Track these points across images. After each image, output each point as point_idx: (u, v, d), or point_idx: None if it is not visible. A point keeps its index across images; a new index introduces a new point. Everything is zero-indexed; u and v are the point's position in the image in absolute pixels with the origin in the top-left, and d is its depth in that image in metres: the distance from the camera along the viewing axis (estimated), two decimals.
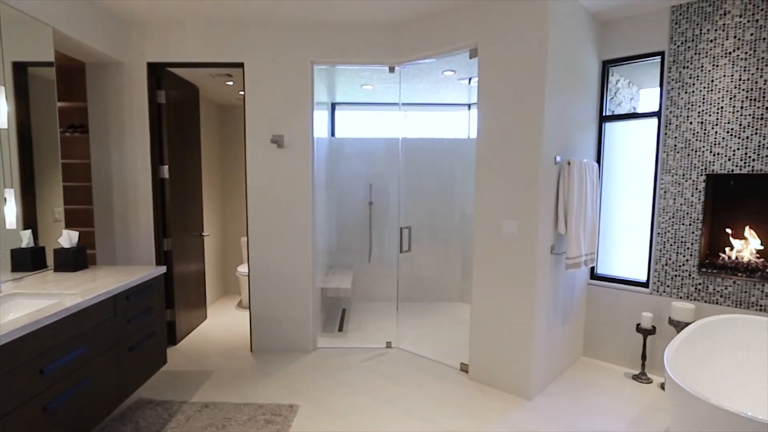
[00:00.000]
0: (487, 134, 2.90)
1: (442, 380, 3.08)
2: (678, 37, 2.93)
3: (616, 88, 3.39)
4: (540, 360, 2.86)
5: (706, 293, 2.92)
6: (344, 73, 4.01)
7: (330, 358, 3.43)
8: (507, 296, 2.86)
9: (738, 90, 2.74)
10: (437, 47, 3.13)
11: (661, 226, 3.09)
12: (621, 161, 3.36)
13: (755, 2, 2.66)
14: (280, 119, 3.40)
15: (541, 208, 2.71)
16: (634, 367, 3.25)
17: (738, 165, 2.76)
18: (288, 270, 3.50)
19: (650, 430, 2.48)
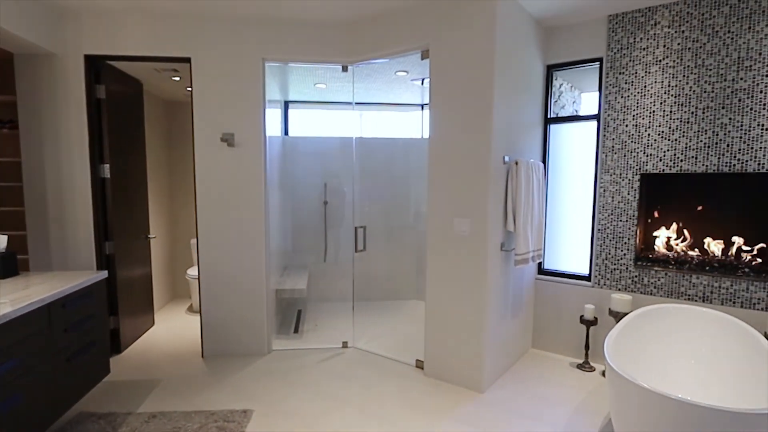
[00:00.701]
0: (439, 134, 2.96)
1: (398, 377, 3.11)
2: (614, 44, 3.12)
3: (560, 91, 3.56)
4: (492, 353, 2.96)
5: (642, 285, 3.13)
6: (297, 71, 3.96)
7: (285, 361, 3.38)
8: (460, 292, 2.94)
9: (667, 95, 2.95)
10: (390, 47, 3.16)
11: (601, 223, 3.27)
12: (565, 161, 3.53)
13: (682, 15, 2.87)
14: (230, 117, 3.30)
15: (491, 207, 2.80)
16: (579, 357, 3.42)
17: (668, 165, 2.98)
18: (240, 272, 3.41)
19: (593, 416, 2.63)
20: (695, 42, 2.83)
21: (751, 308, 2.77)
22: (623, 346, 2.50)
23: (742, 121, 2.72)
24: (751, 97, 2.69)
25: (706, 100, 2.82)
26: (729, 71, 2.74)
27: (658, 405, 1.79)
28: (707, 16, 2.79)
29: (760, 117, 2.67)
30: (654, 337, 2.77)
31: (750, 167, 2.72)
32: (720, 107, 2.78)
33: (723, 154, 2.79)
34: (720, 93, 2.77)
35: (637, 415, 1.91)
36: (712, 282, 2.88)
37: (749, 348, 2.45)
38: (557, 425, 2.52)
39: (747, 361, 2.42)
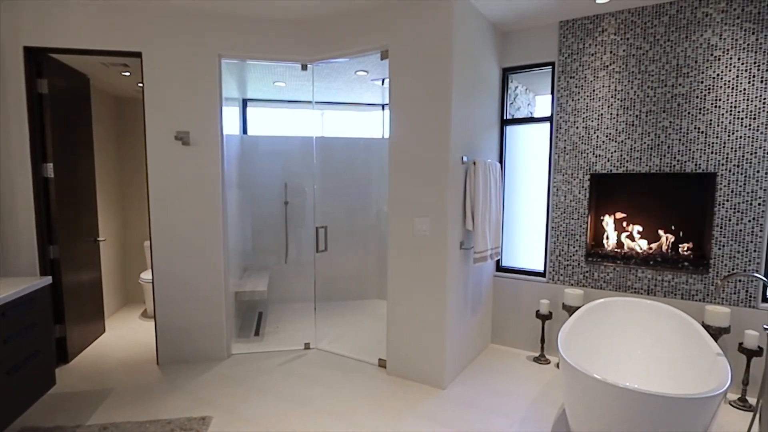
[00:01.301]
0: (399, 135, 2.99)
1: (361, 377, 3.12)
2: (565, 49, 3.25)
3: (515, 94, 3.68)
4: (452, 350, 3.02)
5: (593, 279, 3.28)
6: (255, 68, 3.88)
7: (246, 364, 3.31)
8: (421, 291, 2.98)
9: (614, 99, 3.11)
10: (349, 47, 3.16)
11: (554, 221, 3.41)
12: (521, 161, 3.64)
13: (627, 23, 3.03)
14: (184, 115, 3.20)
15: (450, 206, 2.86)
16: (535, 350, 3.55)
17: (615, 165, 3.14)
18: (197, 274, 3.31)
19: (549, 406, 2.73)
20: (639, 49, 3.00)
21: (690, 299, 2.96)
22: (575, 339, 2.62)
23: (680, 125, 2.91)
24: (688, 102, 2.87)
25: (649, 104, 2.99)
26: (669, 77, 2.92)
27: (607, 393, 1.89)
28: (649, 25, 2.96)
29: (696, 121, 2.86)
30: (604, 329, 2.92)
31: (688, 168, 2.91)
32: (661, 111, 2.96)
33: (664, 155, 2.97)
34: (661, 98, 2.95)
35: (588, 403, 2.00)
36: (655, 276, 3.06)
37: (688, 336, 2.62)
38: (515, 417, 2.60)
39: (687, 348, 2.59)
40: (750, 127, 2.72)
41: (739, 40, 2.71)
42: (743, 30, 2.70)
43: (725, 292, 2.86)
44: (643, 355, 2.83)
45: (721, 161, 2.81)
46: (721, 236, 2.84)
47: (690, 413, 1.79)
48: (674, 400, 1.75)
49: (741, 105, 2.73)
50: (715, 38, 2.77)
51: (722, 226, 2.84)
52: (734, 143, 2.77)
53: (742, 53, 2.71)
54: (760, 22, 2.65)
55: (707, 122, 2.83)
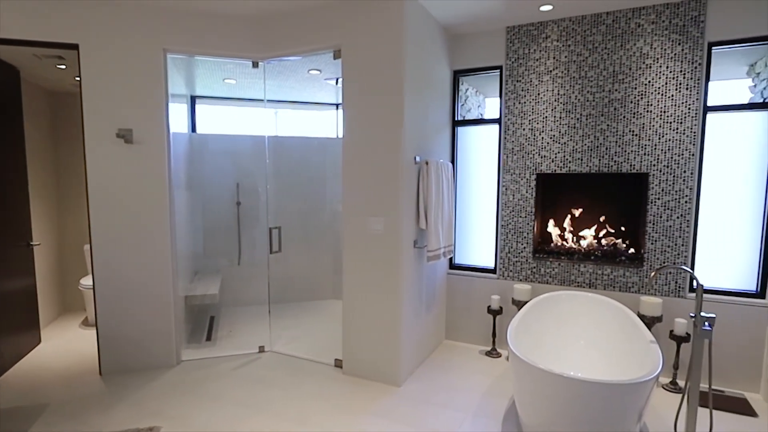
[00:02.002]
0: (352, 134, 2.99)
1: (317, 378, 3.10)
2: (512, 54, 3.38)
3: (466, 96, 3.78)
4: (408, 348, 3.06)
5: (540, 275, 3.44)
6: (204, 64, 3.76)
7: (197, 371, 3.20)
8: (375, 290, 3.00)
9: (557, 103, 3.26)
10: (301, 45, 3.12)
11: (504, 219, 3.53)
12: (472, 162, 3.75)
13: (568, 31, 3.19)
14: (127, 111, 3.05)
15: (404, 205, 2.90)
16: (487, 345, 3.67)
17: (559, 166, 3.30)
18: (143, 279, 3.17)
19: (500, 398, 2.84)
20: (579, 56, 3.17)
21: (627, 291, 3.17)
22: (524, 332, 2.73)
23: (617, 128, 3.10)
24: (624, 107, 3.07)
25: (589, 108, 3.17)
26: (606, 83, 3.10)
27: (552, 383, 1.98)
28: (588, 33, 3.13)
29: (631, 124, 3.06)
30: (550, 322, 3.06)
31: (624, 168, 3.11)
32: (600, 115, 3.14)
33: (603, 156, 3.16)
34: (600, 102, 3.13)
35: (535, 393, 2.10)
36: (596, 270, 3.25)
37: (625, 325, 2.80)
38: (468, 410, 2.68)
39: (624, 337, 2.77)
40: (677, 131, 2.94)
41: (668, 50, 2.93)
42: (671, 41, 2.91)
43: (657, 283, 3.08)
44: (586, 345, 2.99)
45: (653, 162, 3.02)
46: (654, 232, 3.06)
47: (627, 397, 1.92)
48: (613, 386, 1.87)
49: (669, 110, 2.95)
50: (647, 47, 2.98)
51: (654, 222, 3.05)
52: (664, 146, 2.98)
53: (670, 62, 2.93)
54: (685, 33, 2.88)
55: (640, 126, 3.03)
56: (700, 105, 2.88)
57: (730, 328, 2.89)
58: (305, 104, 5.15)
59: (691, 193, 2.94)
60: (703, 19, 2.83)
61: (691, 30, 2.86)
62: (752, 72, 2.99)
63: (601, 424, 1.94)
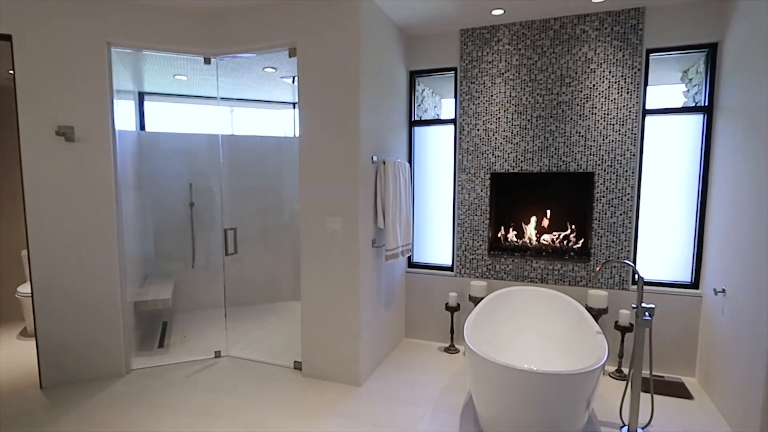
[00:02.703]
0: (309, 134, 2.97)
1: (276, 382, 3.05)
2: (466, 56, 3.46)
3: (422, 96, 3.83)
4: (368, 347, 3.07)
5: (495, 271, 3.54)
6: (153, 59, 3.60)
7: (148, 379, 3.07)
8: (334, 290, 2.98)
9: (509, 104, 3.37)
10: (255, 42, 3.06)
11: (460, 218, 3.61)
12: (429, 161, 3.80)
13: (518, 35, 3.31)
14: (68, 107, 2.88)
15: (362, 205, 2.90)
16: (446, 341, 3.74)
17: (512, 165, 3.41)
18: (88, 285, 3.00)
19: (458, 393, 2.90)
20: (529, 59, 3.29)
21: (575, 285, 3.32)
22: (480, 327, 2.80)
23: (565, 129, 3.24)
24: (570, 109, 3.21)
25: (539, 110, 3.29)
26: (554, 86, 3.24)
27: (507, 376, 2.05)
28: (537, 38, 3.26)
29: (577, 126, 3.20)
30: (505, 317, 3.16)
31: (572, 167, 3.25)
32: (549, 116, 3.27)
33: (552, 156, 3.29)
34: (548, 104, 3.26)
35: (491, 386, 2.16)
36: (547, 265, 3.38)
37: (574, 318, 2.93)
38: (428, 406, 2.72)
39: (573, 329, 2.90)
40: (620, 132, 3.11)
41: (610, 55, 3.09)
42: (613, 47, 3.08)
43: (603, 277, 3.25)
44: (539, 338, 3.11)
45: (598, 162, 3.18)
46: (599, 228, 3.22)
47: (576, 386, 2.01)
48: (562, 376, 1.95)
49: (612, 113, 3.12)
50: (591, 53, 3.13)
51: (600, 219, 3.22)
52: (608, 146, 3.15)
53: (613, 67, 3.09)
54: (626, 40, 3.05)
55: (586, 127, 3.18)
56: (639, 108, 3.06)
57: (668, 317, 3.10)
58: (261, 103, 5.04)
59: (633, 191, 3.12)
60: (641, 27, 3.01)
61: (631, 37, 3.03)
62: (685, 78, 3.21)
63: (553, 412, 2.03)
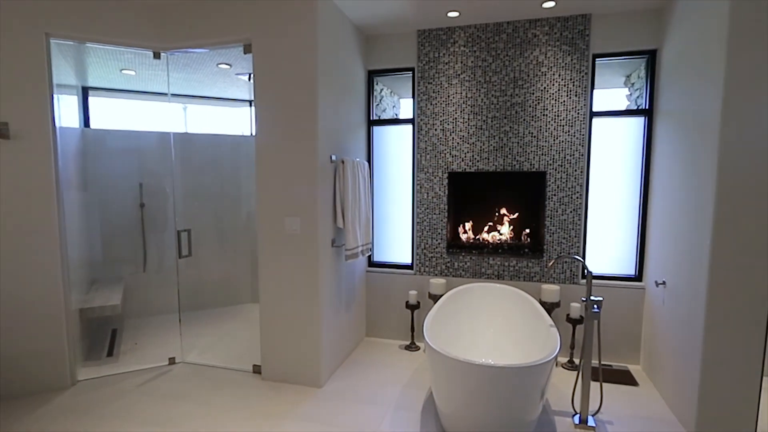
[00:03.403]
0: (266, 132, 2.91)
1: (234, 387, 2.97)
2: (423, 57, 3.50)
3: (381, 96, 3.84)
4: (328, 348, 3.05)
5: (453, 269, 3.61)
6: (97, 53, 3.41)
7: (96, 390, 2.92)
8: (294, 291, 2.94)
9: (466, 105, 3.44)
10: (209, 37, 2.96)
11: (419, 216, 3.66)
12: (389, 161, 3.82)
13: (474, 37, 3.38)
14: (1, 102, 2.68)
15: (321, 205, 2.88)
16: (406, 339, 3.77)
17: (469, 165, 3.49)
18: (28, 292, 2.81)
19: (419, 389, 2.93)
20: (484, 61, 3.37)
21: (530, 280, 3.44)
22: (439, 324, 2.85)
23: (518, 130, 3.35)
24: (524, 110, 3.32)
25: (494, 111, 3.38)
26: (508, 88, 3.34)
27: (465, 371, 2.09)
28: (491, 41, 3.34)
29: (530, 127, 3.32)
30: (463, 313, 3.23)
31: (525, 167, 3.37)
32: (503, 117, 3.37)
33: (507, 156, 3.39)
34: (503, 105, 3.36)
35: (450, 382, 2.20)
36: (503, 262, 3.48)
37: (528, 312, 3.04)
38: (389, 404, 2.74)
39: (528, 322, 3.00)
40: (569, 134, 3.25)
41: (559, 59, 3.22)
42: (562, 51, 3.21)
43: (555, 272, 3.38)
44: (496, 332, 3.20)
45: (549, 162, 3.31)
46: (551, 225, 3.36)
47: (531, 378, 2.08)
48: (517, 369, 2.02)
49: (562, 114, 3.25)
50: (542, 56, 3.25)
51: (552, 216, 3.35)
52: (558, 147, 3.28)
53: (562, 71, 3.22)
54: (574, 45, 3.18)
55: (538, 128, 3.30)
56: (587, 110, 3.21)
57: (615, 308, 3.27)
58: (217, 100, 4.90)
59: (582, 189, 3.27)
60: (588, 33, 3.15)
61: (579, 42, 3.17)
62: (628, 82, 3.39)
63: (509, 404, 2.09)
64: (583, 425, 2.49)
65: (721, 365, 2.28)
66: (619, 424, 2.53)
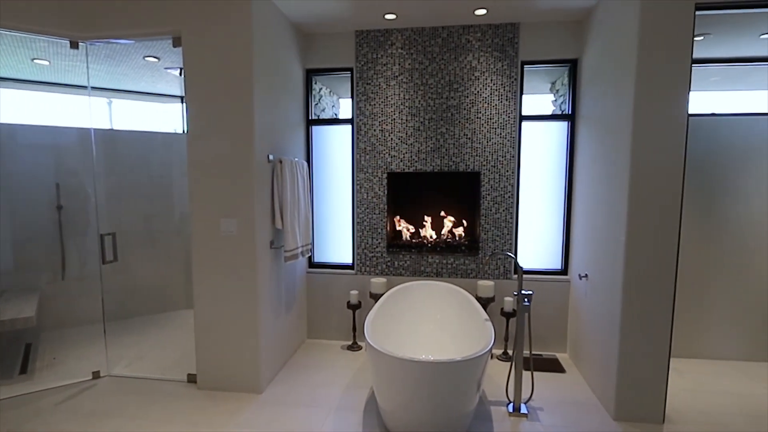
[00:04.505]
0: (199, 130, 2.78)
1: (167, 398, 2.82)
2: (361, 57, 3.52)
3: (320, 95, 3.81)
4: (268, 352, 2.98)
5: (393, 268, 3.66)
6: (3, 39, 3.09)
7: (7, 411, 2.65)
8: (231, 295, 2.85)
9: (404, 106, 3.51)
10: (134, 28, 2.78)
11: (359, 216, 3.67)
12: (329, 161, 3.80)
13: (410, 40, 3.45)
14: None
15: (258, 205, 2.81)
16: (348, 339, 3.78)
17: (407, 165, 3.55)
18: None
19: (361, 389, 2.95)
20: (421, 64, 3.45)
21: (467, 277, 3.57)
22: (380, 323, 2.88)
23: (454, 131, 3.46)
24: (459, 113, 3.44)
25: (431, 113, 3.47)
26: (444, 91, 3.44)
27: (404, 368, 2.13)
28: (428, 45, 3.43)
29: (465, 129, 3.44)
30: (404, 311, 3.29)
31: (461, 168, 3.49)
32: (440, 119, 3.47)
33: (443, 157, 3.50)
34: (439, 107, 3.46)
35: (391, 379, 2.23)
36: (442, 260, 3.59)
37: (465, 308, 3.15)
38: (331, 405, 2.73)
39: (466, 318, 3.11)
40: (501, 136, 3.41)
41: (491, 65, 3.37)
42: (493, 57, 3.36)
43: (490, 269, 3.54)
44: (435, 329, 3.29)
45: (483, 162, 3.45)
46: (486, 223, 3.50)
47: (467, 372, 2.16)
48: (454, 363, 2.09)
49: (494, 118, 3.40)
50: (475, 61, 3.38)
51: (486, 215, 3.50)
52: (491, 148, 3.43)
53: (494, 75, 3.37)
54: (504, 52, 3.34)
55: (472, 130, 3.43)
56: (517, 114, 3.38)
57: (544, 301, 3.47)
58: (145, 95, 4.61)
59: (513, 189, 3.45)
60: (517, 41, 3.32)
61: (508, 49, 3.34)
62: (554, 89, 3.62)
63: (448, 398, 2.16)
64: (517, 413, 2.63)
65: (635, 351, 2.50)
66: (548, 409, 2.70)
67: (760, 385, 3.00)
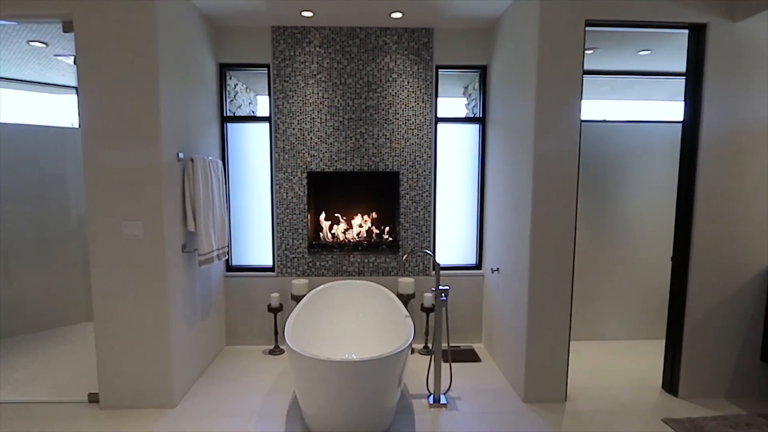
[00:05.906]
0: (96, 125, 2.53)
1: (65, 422, 2.54)
2: (279, 54, 3.44)
3: (235, 91, 3.66)
4: (181, 362, 2.80)
5: (315, 268, 3.63)
6: None
7: None
8: (138, 304, 2.63)
9: (323, 105, 3.48)
10: (13, 8, 2.46)
11: (279, 217, 3.59)
12: (246, 159, 3.65)
13: (329, 39, 3.43)
14: None
15: (167, 207, 2.63)
16: (270, 344, 3.67)
17: (327, 165, 3.54)
18: None
19: (283, 394, 2.87)
20: (339, 63, 3.45)
21: (388, 275, 3.64)
22: (302, 325, 2.84)
23: (373, 131, 3.51)
24: (377, 113, 3.49)
25: (350, 113, 3.49)
26: (362, 91, 3.47)
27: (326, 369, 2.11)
28: (346, 44, 3.44)
29: (383, 129, 3.50)
30: (325, 311, 3.27)
31: (380, 167, 3.54)
32: (359, 119, 3.50)
33: (363, 157, 3.53)
34: (358, 107, 3.49)
35: (313, 381, 2.21)
36: (363, 259, 3.62)
37: (386, 305, 3.21)
38: (251, 413, 2.63)
39: (387, 315, 3.17)
40: (418, 137, 3.52)
41: (408, 67, 3.46)
42: (410, 60, 3.46)
43: (409, 266, 3.64)
44: (358, 328, 3.31)
45: (402, 162, 3.54)
46: (405, 222, 3.60)
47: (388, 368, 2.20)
48: (374, 361, 2.12)
49: (411, 119, 3.50)
50: (392, 63, 3.46)
51: (405, 214, 3.59)
52: (409, 149, 3.53)
53: (410, 78, 3.47)
54: (420, 55, 3.45)
55: (391, 131, 3.51)
56: (432, 116, 3.51)
57: (460, 295, 3.64)
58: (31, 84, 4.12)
59: (430, 188, 3.57)
60: (431, 45, 3.45)
61: (424, 53, 3.45)
62: (466, 93, 3.80)
63: (370, 396, 2.19)
64: (437, 404, 2.73)
65: (540, 337, 2.71)
66: (465, 398, 2.84)
67: (645, 359, 3.41)
